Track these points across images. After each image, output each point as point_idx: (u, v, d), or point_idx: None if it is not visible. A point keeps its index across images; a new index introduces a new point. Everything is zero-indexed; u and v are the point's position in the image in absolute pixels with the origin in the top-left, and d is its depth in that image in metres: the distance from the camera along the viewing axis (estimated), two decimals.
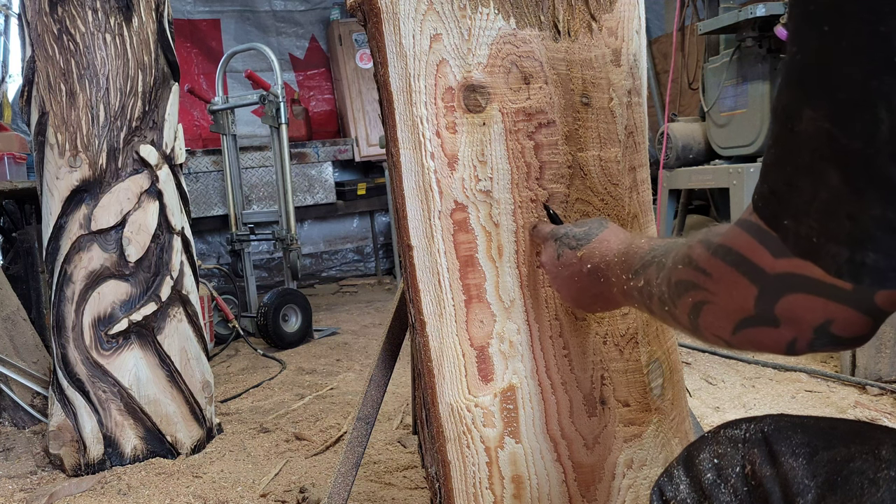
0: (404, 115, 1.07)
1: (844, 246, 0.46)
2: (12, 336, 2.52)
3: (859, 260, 0.46)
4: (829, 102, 0.44)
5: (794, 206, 0.49)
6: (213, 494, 1.92)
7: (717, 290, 0.59)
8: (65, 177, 2.11)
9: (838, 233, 0.46)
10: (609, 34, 1.12)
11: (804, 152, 0.47)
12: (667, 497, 0.68)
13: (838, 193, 0.45)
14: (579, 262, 0.87)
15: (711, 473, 0.65)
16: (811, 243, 0.49)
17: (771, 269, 0.54)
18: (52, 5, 2.06)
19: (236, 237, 3.99)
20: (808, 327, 0.54)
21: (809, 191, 0.47)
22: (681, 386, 1.24)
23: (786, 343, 0.56)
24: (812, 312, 0.53)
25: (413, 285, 1.10)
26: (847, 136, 0.44)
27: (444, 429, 1.09)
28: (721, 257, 0.58)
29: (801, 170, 0.48)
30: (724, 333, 0.60)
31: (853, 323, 0.53)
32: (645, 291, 0.72)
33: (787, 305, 0.54)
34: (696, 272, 0.61)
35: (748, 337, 0.58)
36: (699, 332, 0.64)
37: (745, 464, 0.63)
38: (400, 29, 1.04)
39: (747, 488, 0.62)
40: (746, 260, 0.56)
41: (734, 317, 0.58)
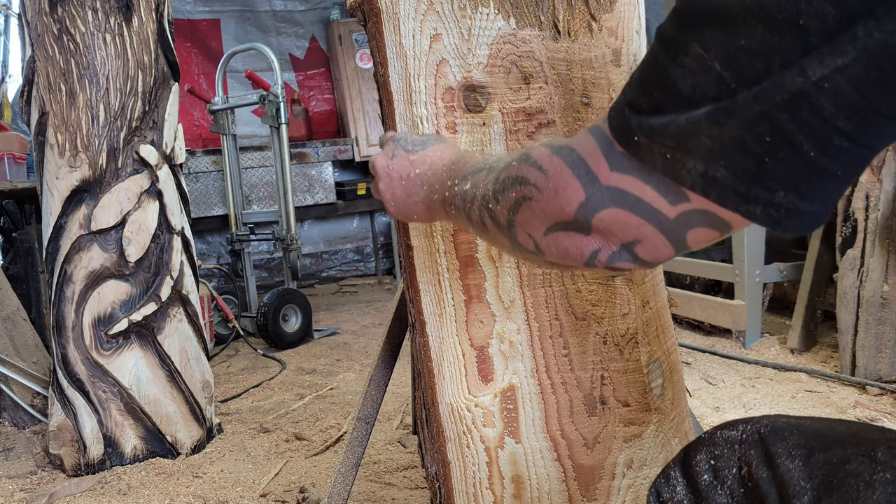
0: (404, 115, 1.07)
1: (700, 160, 0.49)
2: (12, 336, 2.52)
3: (712, 175, 0.49)
4: (725, 47, 0.47)
5: (651, 125, 0.51)
6: (213, 494, 1.92)
7: (546, 188, 0.60)
8: (65, 177, 2.11)
9: (696, 150, 0.49)
10: (609, 34, 1.12)
11: (682, 82, 0.49)
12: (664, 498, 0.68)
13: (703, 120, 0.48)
14: (410, 165, 0.87)
15: (708, 475, 0.65)
16: (665, 158, 0.51)
17: (604, 180, 0.56)
18: (52, 5, 2.06)
19: (236, 237, 3.99)
20: (616, 241, 0.57)
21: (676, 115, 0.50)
22: (681, 386, 1.24)
23: (589, 252, 0.58)
24: (626, 229, 0.56)
25: (413, 285, 1.10)
26: (734, 79, 0.47)
27: (444, 429, 1.09)
28: (562, 157, 0.59)
29: (674, 97, 0.50)
30: (537, 232, 0.62)
31: (658, 248, 0.56)
32: (468, 195, 0.73)
33: (607, 217, 0.56)
34: (530, 167, 0.62)
35: (557, 240, 0.60)
36: (513, 230, 0.65)
37: (742, 465, 0.63)
38: (400, 29, 1.04)
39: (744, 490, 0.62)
40: (585, 164, 0.57)
41: (553, 217, 0.60)
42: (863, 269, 2.42)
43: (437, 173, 0.83)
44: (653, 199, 0.54)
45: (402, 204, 0.89)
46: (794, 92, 0.45)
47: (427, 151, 0.88)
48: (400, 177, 0.88)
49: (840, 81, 0.44)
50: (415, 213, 0.89)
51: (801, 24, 0.44)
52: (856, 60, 0.43)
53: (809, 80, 0.44)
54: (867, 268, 2.41)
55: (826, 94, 0.44)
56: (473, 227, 0.74)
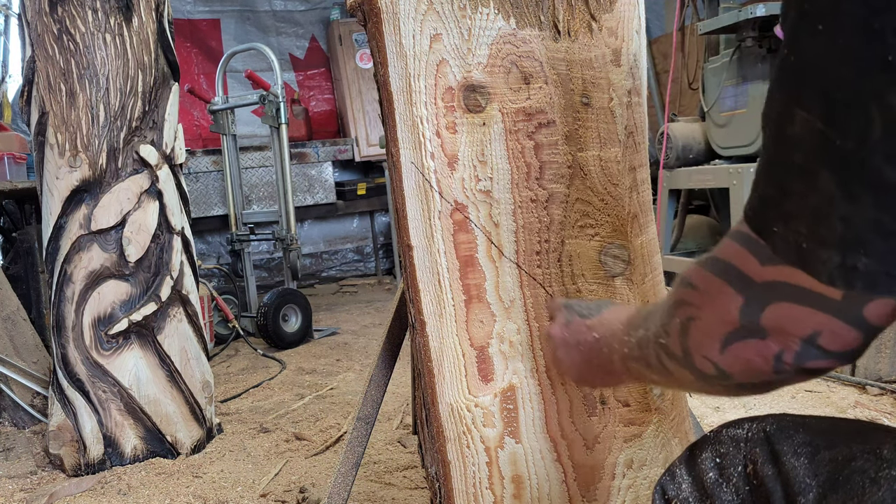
0: (404, 115, 1.07)
1: (835, 250, 0.45)
2: (12, 336, 2.52)
3: (851, 264, 0.45)
4: (822, 103, 0.44)
5: (785, 211, 0.48)
6: (213, 494, 1.92)
7: (704, 303, 0.58)
8: (65, 177, 2.11)
9: (829, 237, 0.45)
10: (609, 34, 1.12)
11: (796, 155, 0.46)
12: (669, 496, 0.68)
13: (830, 196, 0.44)
14: (587, 330, 0.86)
15: (713, 473, 0.65)
16: (800, 249, 0.48)
17: (758, 278, 0.53)
18: (52, 5, 2.06)
19: (236, 237, 3.99)
20: (794, 339, 0.53)
21: (800, 194, 0.46)
22: None
23: (773, 356, 0.54)
24: (798, 323, 0.52)
25: (413, 285, 1.10)
26: (840, 136, 0.43)
27: (444, 429, 1.09)
28: (709, 269, 0.57)
29: (792, 173, 0.47)
30: (713, 352, 0.58)
31: (841, 335, 0.51)
32: (643, 340, 0.70)
33: (774, 315, 0.52)
34: (686, 289, 0.60)
35: (736, 353, 0.56)
36: (689, 358, 0.61)
37: (747, 463, 0.63)
38: (400, 29, 1.04)
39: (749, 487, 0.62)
40: (733, 268, 0.55)
41: (721, 330, 0.57)
42: None
43: (616, 333, 0.80)
44: (814, 285, 0.49)
45: (582, 370, 0.88)
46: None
47: (604, 315, 0.86)
48: (578, 343, 0.87)
49: None
50: (597, 378, 0.88)
51: (891, 61, 0.41)
52: None
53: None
54: None
55: None
56: (654, 373, 0.70)
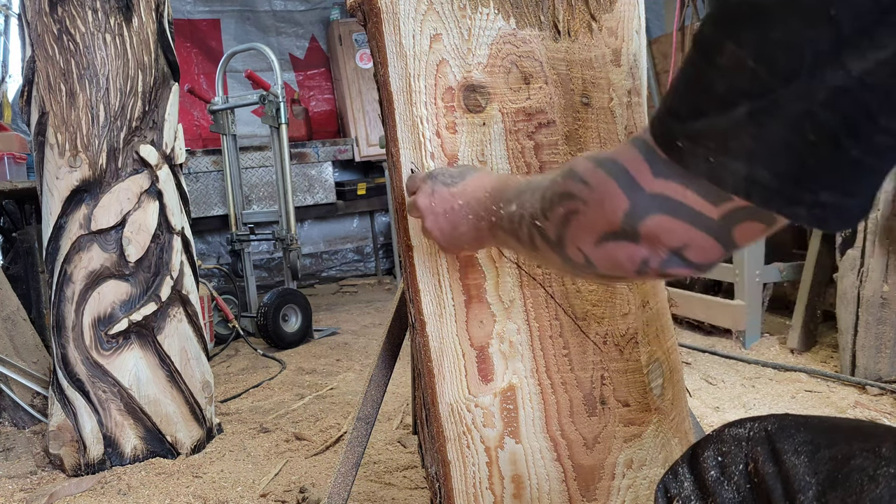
0: (404, 115, 1.07)
1: (743, 163, 0.49)
2: (12, 336, 2.52)
3: (754, 177, 0.49)
4: (758, 42, 0.47)
5: (695, 129, 0.52)
6: (213, 494, 1.92)
7: (591, 199, 0.61)
8: (65, 177, 2.11)
9: (739, 152, 0.49)
10: (609, 34, 1.12)
11: (718, 82, 0.49)
12: (671, 494, 0.69)
13: (743, 121, 0.48)
14: (451, 198, 0.88)
15: (715, 471, 0.65)
16: (707, 162, 0.51)
17: (648, 187, 0.56)
18: (52, 5, 2.06)
19: (236, 237, 3.99)
20: (664, 248, 0.57)
21: (714, 117, 0.50)
22: (681, 386, 1.24)
23: (640, 260, 0.59)
24: (673, 234, 0.56)
25: (413, 285, 1.10)
26: (769, 74, 0.47)
27: (444, 429, 1.09)
28: (605, 169, 0.60)
29: (712, 98, 0.50)
30: (587, 245, 0.62)
31: (707, 250, 0.56)
32: (515, 216, 0.73)
33: (653, 224, 0.56)
34: (575, 182, 0.63)
35: (607, 251, 0.61)
36: (563, 246, 0.65)
37: (749, 461, 0.63)
38: (400, 29, 1.04)
39: (750, 485, 0.63)
40: (627, 173, 0.58)
41: (600, 228, 0.60)
42: (863, 269, 2.42)
43: (481, 201, 0.83)
44: (695, 203, 0.54)
45: (450, 237, 0.90)
46: (837, 87, 0.44)
47: (467, 181, 0.88)
48: (444, 211, 0.88)
49: (882, 76, 0.43)
50: (464, 244, 0.90)
51: (834, 16, 0.43)
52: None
53: (851, 75, 0.44)
54: (867, 268, 2.41)
55: (869, 90, 0.44)
56: (523, 247, 0.74)
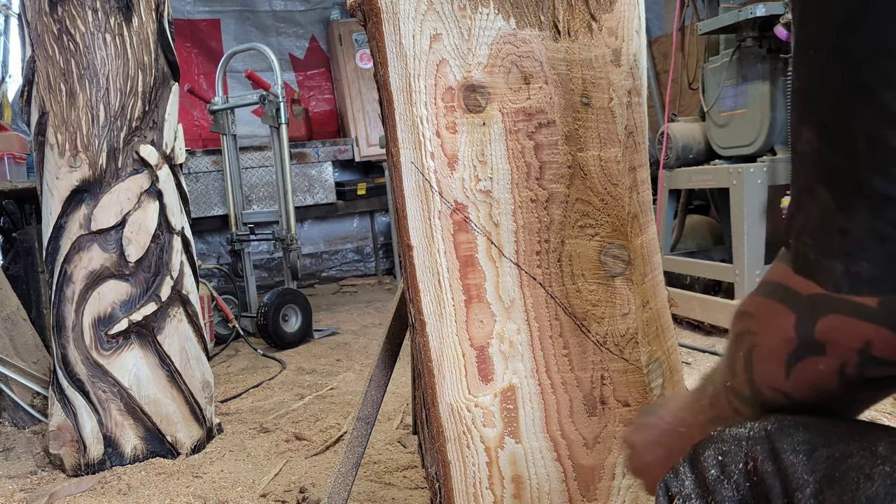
0: (404, 115, 1.07)
1: (838, 260, 0.47)
2: (12, 336, 2.52)
3: (854, 272, 0.47)
4: (817, 122, 0.47)
5: (797, 225, 0.50)
6: (213, 494, 1.92)
7: (761, 328, 0.58)
8: (65, 177, 2.11)
9: (831, 248, 0.47)
10: (609, 34, 1.12)
11: (802, 172, 0.49)
12: (672, 493, 0.69)
13: (828, 209, 0.47)
14: (660, 421, 0.83)
15: (715, 470, 0.66)
16: (808, 261, 0.50)
17: (804, 291, 0.54)
18: (52, 5, 2.06)
19: (236, 237, 3.99)
20: (849, 350, 0.53)
21: (806, 209, 0.49)
22: (681, 386, 1.24)
23: (837, 371, 0.55)
24: (848, 334, 0.52)
25: (413, 285, 1.10)
26: (832, 151, 0.46)
27: (444, 429, 1.09)
28: (761, 293, 0.58)
29: (802, 190, 0.49)
30: (780, 379, 0.58)
31: (890, 343, 0.51)
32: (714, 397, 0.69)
33: (825, 328, 0.53)
34: (742, 319, 0.61)
35: (800, 374, 0.57)
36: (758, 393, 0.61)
37: (748, 460, 0.64)
38: (400, 29, 1.04)
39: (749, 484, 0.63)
40: (781, 286, 0.56)
41: (782, 352, 0.57)
42: None
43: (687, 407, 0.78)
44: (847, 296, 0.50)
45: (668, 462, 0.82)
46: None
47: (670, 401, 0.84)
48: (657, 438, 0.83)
49: None
50: None
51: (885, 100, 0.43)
52: None
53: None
54: None
55: None
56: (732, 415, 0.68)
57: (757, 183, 2.92)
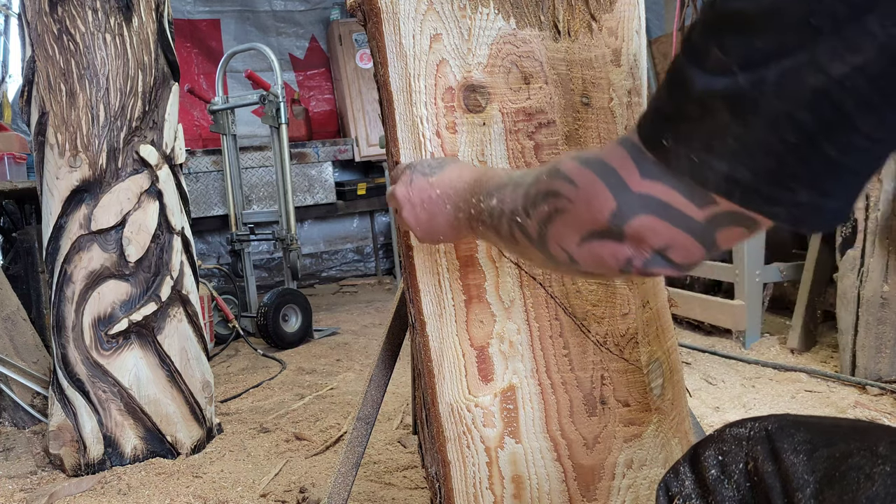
0: (404, 115, 1.07)
1: (725, 161, 0.51)
2: (12, 336, 2.52)
3: (735, 176, 0.51)
4: (743, 49, 0.49)
5: (679, 129, 0.53)
6: (213, 494, 1.92)
7: (577, 198, 0.61)
8: (65, 177, 2.11)
9: (721, 150, 0.51)
10: (609, 34, 1.12)
11: (702, 85, 0.51)
12: (672, 493, 0.69)
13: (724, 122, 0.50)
14: (430, 187, 0.88)
15: (715, 470, 0.66)
16: (690, 160, 0.53)
17: (635, 188, 0.57)
18: (52, 5, 2.06)
19: (236, 237, 3.99)
20: (648, 248, 0.58)
21: (697, 118, 0.52)
22: (681, 386, 1.24)
23: (624, 259, 0.60)
24: (658, 235, 0.57)
25: (413, 285, 1.10)
26: (751, 80, 0.48)
27: (444, 429, 1.09)
28: (592, 168, 0.61)
29: (695, 100, 0.52)
30: (570, 244, 0.63)
31: (690, 251, 0.58)
32: (496, 211, 0.74)
33: (638, 224, 0.57)
34: (561, 181, 0.63)
35: (592, 249, 0.61)
36: (544, 243, 0.66)
37: (748, 460, 0.64)
38: (400, 29, 1.04)
39: (750, 484, 0.63)
40: (615, 173, 0.59)
41: (585, 227, 0.61)
42: (863, 269, 2.42)
43: (459, 192, 0.83)
44: (681, 205, 0.55)
45: (426, 227, 0.90)
46: (817, 90, 0.46)
47: (446, 172, 0.88)
48: (421, 200, 0.88)
49: (859, 80, 0.44)
50: (441, 234, 0.89)
51: (812, 24, 0.45)
52: (874, 59, 0.44)
53: (831, 78, 0.45)
54: (867, 268, 2.41)
55: (847, 92, 0.45)
56: (503, 241, 0.74)
57: None
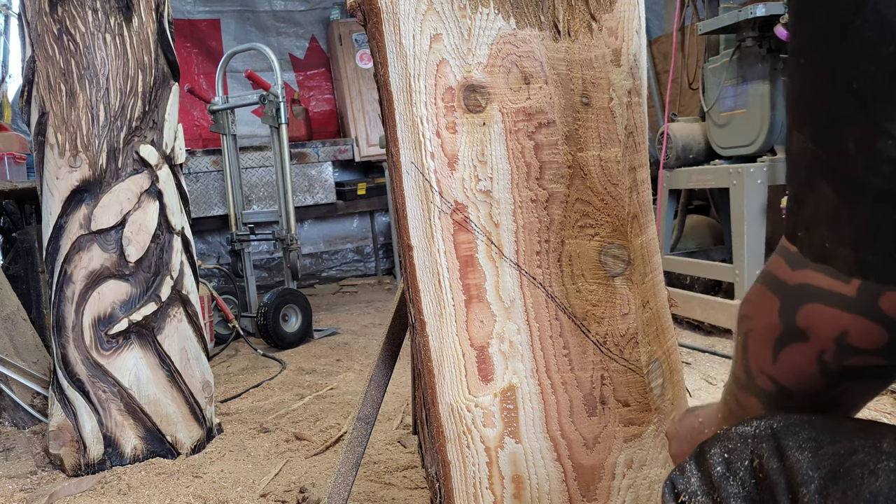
0: (404, 115, 1.07)
1: (850, 247, 0.50)
2: (12, 336, 2.52)
3: (863, 259, 0.50)
4: (809, 125, 0.50)
5: (804, 218, 0.53)
6: (213, 494, 1.92)
7: (755, 313, 0.62)
8: (65, 177, 2.11)
9: (844, 235, 0.50)
10: (609, 34, 1.12)
11: (800, 170, 0.52)
12: (678, 490, 0.70)
13: (834, 202, 0.49)
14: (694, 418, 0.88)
15: (721, 467, 0.67)
16: (823, 248, 0.52)
17: (790, 281, 0.57)
18: (52, 5, 2.06)
19: (236, 237, 3.99)
20: (828, 339, 0.56)
21: (812, 203, 0.52)
22: (681, 386, 1.24)
23: (816, 358, 0.58)
24: (827, 322, 0.56)
25: (413, 285, 1.10)
26: (826, 153, 0.49)
27: (444, 429, 1.09)
28: (759, 281, 0.62)
29: (802, 186, 0.52)
30: (767, 363, 0.62)
31: (866, 332, 0.55)
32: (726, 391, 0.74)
33: (806, 315, 0.57)
34: (743, 305, 0.64)
35: (786, 358, 0.60)
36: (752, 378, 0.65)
37: (754, 458, 0.65)
38: (400, 29, 1.04)
39: (755, 480, 0.64)
40: (773, 276, 0.59)
41: (769, 337, 0.60)
42: None
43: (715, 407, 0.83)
44: (831, 285, 0.54)
45: None
46: (890, 156, 0.45)
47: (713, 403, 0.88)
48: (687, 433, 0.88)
49: None
50: None
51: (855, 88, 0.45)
52: None
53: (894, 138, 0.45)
54: None
55: None
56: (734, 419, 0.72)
57: (757, 183, 2.92)
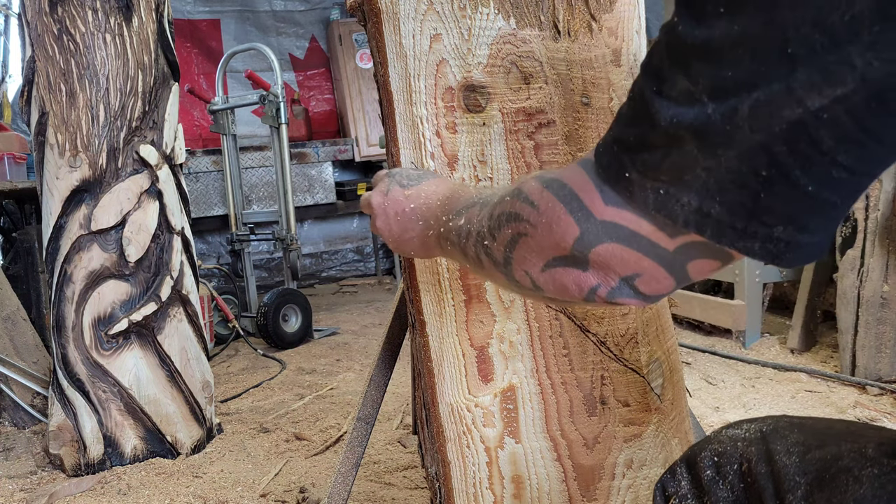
0: (404, 115, 1.07)
1: (695, 195, 0.48)
2: (12, 336, 2.52)
3: (706, 210, 0.48)
4: (712, 79, 0.46)
5: (644, 160, 0.51)
6: (213, 494, 1.92)
7: (539, 223, 0.59)
8: (65, 177, 2.11)
9: (692, 184, 0.48)
10: (609, 34, 1.12)
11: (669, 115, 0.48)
12: (668, 493, 0.70)
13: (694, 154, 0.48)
14: (405, 200, 0.86)
15: (711, 471, 0.66)
16: (658, 194, 0.50)
17: (599, 215, 0.55)
18: (52, 5, 2.06)
19: (236, 237, 3.99)
20: (615, 276, 0.56)
21: (663, 150, 0.49)
22: (681, 386, 1.24)
23: (588, 287, 0.57)
24: (624, 263, 0.55)
25: (413, 285, 1.10)
26: (722, 112, 0.46)
27: (444, 429, 1.09)
28: (553, 191, 0.59)
29: (662, 130, 0.49)
30: (534, 269, 0.61)
31: (659, 281, 0.55)
32: (463, 230, 0.72)
33: (603, 252, 0.55)
34: (523, 203, 0.61)
35: (555, 276, 0.59)
36: (509, 267, 0.64)
37: (743, 462, 0.64)
38: (400, 29, 1.04)
39: (743, 485, 0.64)
40: (577, 199, 0.56)
41: (548, 253, 0.59)
42: (863, 269, 2.42)
43: (432, 208, 0.82)
44: (650, 233, 0.53)
45: (398, 240, 0.88)
46: (793, 122, 0.43)
47: (422, 186, 0.86)
48: (395, 212, 0.87)
49: (839, 112, 0.42)
50: (411, 249, 0.88)
51: (790, 53, 0.42)
52: (855, 91, 0.41)
53: (808, 111, 0.43)
54: (867, 268, 2.41)
55: (825, 126, 0.43)
56: (469, 263, 0.72)
57: None
